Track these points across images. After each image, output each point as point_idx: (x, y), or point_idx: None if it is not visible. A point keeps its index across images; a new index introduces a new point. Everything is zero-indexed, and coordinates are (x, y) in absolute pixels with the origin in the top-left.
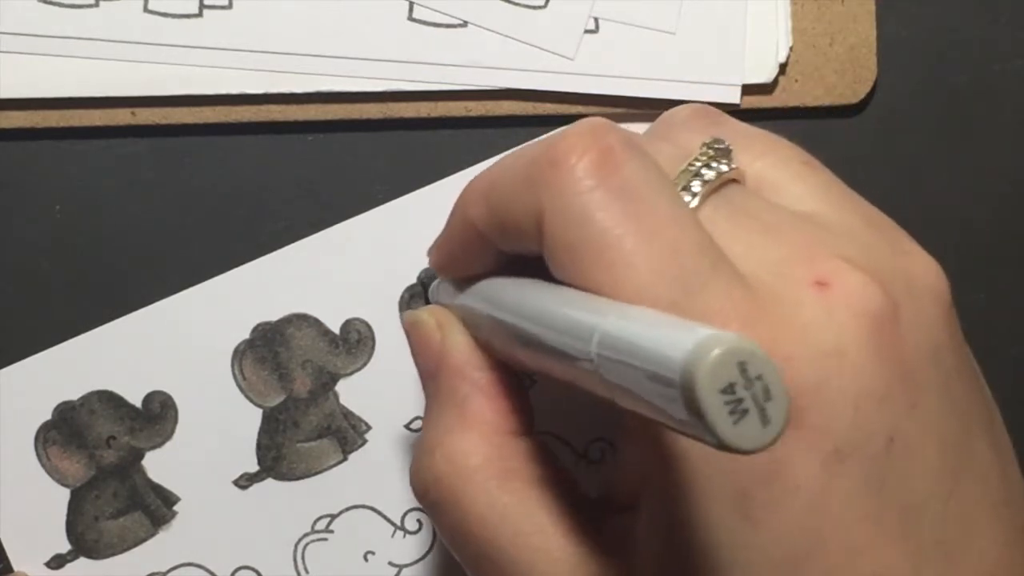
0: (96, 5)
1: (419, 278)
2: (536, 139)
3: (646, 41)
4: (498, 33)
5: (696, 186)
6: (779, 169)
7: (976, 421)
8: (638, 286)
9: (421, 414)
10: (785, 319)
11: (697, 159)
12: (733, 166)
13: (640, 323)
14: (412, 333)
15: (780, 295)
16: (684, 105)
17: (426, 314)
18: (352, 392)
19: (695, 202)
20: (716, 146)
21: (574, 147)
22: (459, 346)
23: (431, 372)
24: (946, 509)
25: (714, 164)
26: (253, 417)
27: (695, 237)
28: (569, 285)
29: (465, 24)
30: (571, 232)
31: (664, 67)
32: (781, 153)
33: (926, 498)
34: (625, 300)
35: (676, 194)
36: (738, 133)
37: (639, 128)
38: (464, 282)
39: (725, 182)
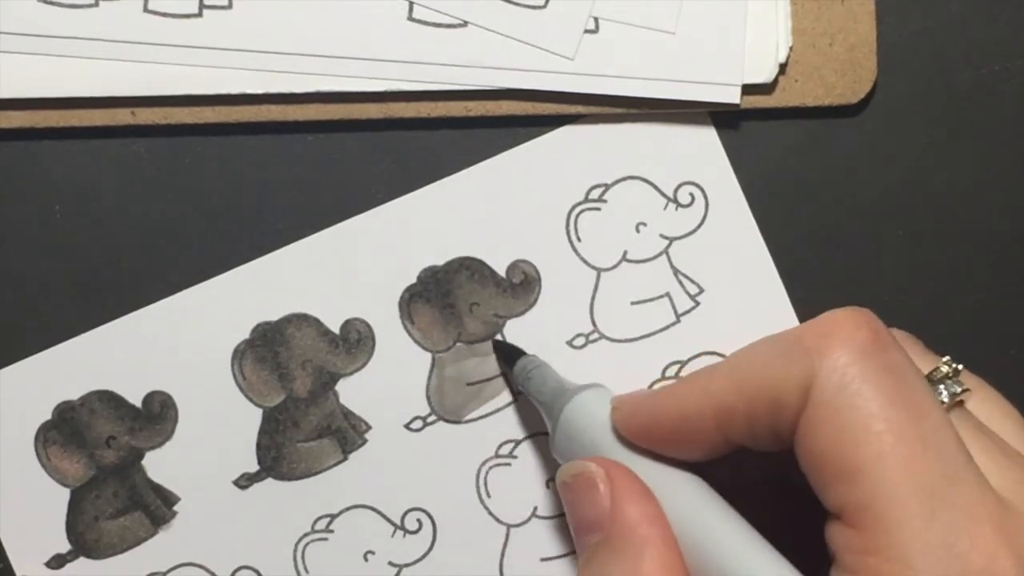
0: (96, 5)
1: (419, 278)
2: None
3: (646, 41)
4: (498, 33)
5: (942, 394)
6: (988, 403)
7: None
8: (901, 460)
9: (421, 414)
10: None
11: (938, 370)
12: (967, 388)
13: None
14: (575, 483)
15: (1022, 509)
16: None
17: (594, 465)
18: (352, 392)
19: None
20: (954, 366)
21: (847, 321)
22: (638, 499)
23: (597, 523)
24: None
25: (949, 381)
26: (253, 417)
27: (952, 431)
28: (822, 452)
29: (465, 24)
30: (843, 398)
31: (664, 67)
32: (989, 391)
33: None
34: (887, 471)
35: (931, 388)
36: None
37: (639, 128)
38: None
39: (959, 402)
